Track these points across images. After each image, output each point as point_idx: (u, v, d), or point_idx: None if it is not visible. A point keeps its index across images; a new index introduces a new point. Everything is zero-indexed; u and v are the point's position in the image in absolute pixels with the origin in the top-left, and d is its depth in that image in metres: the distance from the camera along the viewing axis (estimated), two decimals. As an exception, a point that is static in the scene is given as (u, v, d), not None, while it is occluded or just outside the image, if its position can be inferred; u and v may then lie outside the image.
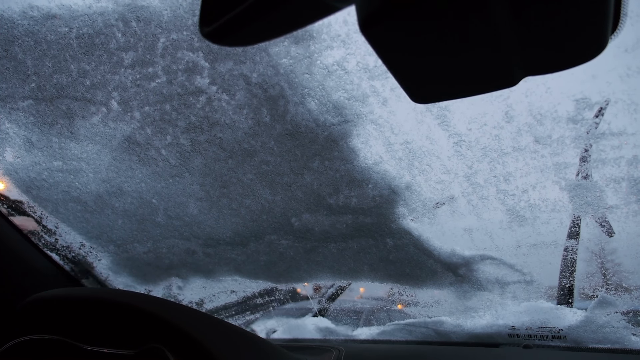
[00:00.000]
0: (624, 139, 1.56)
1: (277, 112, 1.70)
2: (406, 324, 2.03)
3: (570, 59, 0.65)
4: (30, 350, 1.22)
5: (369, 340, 2.10)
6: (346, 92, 1.65)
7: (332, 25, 1.53)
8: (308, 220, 1.95)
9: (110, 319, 1.27)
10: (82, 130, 1.79)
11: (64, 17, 1.57)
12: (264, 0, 0.50)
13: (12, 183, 1.91)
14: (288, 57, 1.60)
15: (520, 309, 1.82)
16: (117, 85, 1.68)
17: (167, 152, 1.82)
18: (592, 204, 1.68)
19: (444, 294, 2.00)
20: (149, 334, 1.21)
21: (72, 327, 1.28)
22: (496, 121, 1.62)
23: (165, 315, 1.21)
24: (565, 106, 1.56)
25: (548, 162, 1.67)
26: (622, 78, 1.43)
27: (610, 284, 1.72)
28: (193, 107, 1.71)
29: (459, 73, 0.69)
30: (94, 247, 2.13)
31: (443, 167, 1.75)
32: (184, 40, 1.59)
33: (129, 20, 1.57)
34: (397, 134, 1.71)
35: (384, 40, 0.60)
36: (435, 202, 1.86)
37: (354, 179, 1.81)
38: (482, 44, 0.60)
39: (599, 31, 0.59)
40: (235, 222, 2.01)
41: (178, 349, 1.15)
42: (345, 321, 2.31)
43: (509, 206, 1.76)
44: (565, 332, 1.70)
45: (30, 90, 1.70)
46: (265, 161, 1.81)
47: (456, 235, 1.89)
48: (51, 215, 2.02)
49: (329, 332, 2.19)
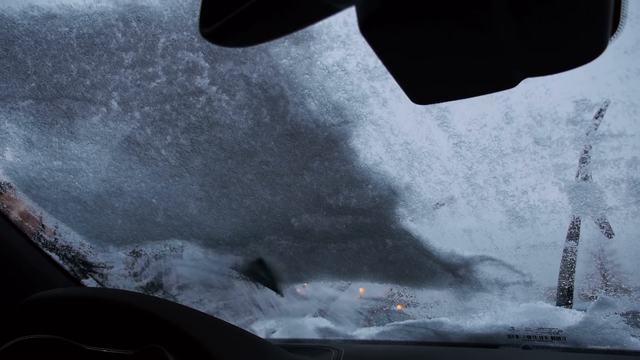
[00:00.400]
0: (624, 140, 1.56)
1: (277, 112, 1.70)
2: (405, 324, 2.03)
3: (570, 61, 0.65)
4: (30, 349, 1.22)
5: (369, 340, 2.10)
6: (346, 93, 1.66)
7: (332, 26, 1.54)
8: (308, 221, 1.96)
9: (110, 319, 1.27)
10: (82, 130, 1.79)
11: (64, 17, 1.57)
12: (264, 2, 0.50)
13: (12, 182, 1.91)
14: (288, 57, 1.60)
15: (520, 310, 1.82)
16: (117, 85, 1.68)
17: (167, 152, 1.82)
18: (591, 205, 1.68)
19: (443, 294, 2.00)
20: (148, 334, 1.21)
21: (72, 327, 1.28)
22: (496, 122, 1.63)
23: (164, 315, 1.21)
24: (565, 107, 1.56)
25: (548, 163, 1.68)
26: (621, 79, 1.44)
27: (610, 285, 1.72)
28: (193, 107, 1.71)
29: (459, 74, 0.69)
30: (94, 246, 2.13)
31: (443, 167, 1.75)
32: (184, 40, 1.59)
33: (129, 21, 1.57)
34: (397, 135, 1.71)
35: (384, 41, 0.60)
36: (434, 202, 1.86)
37: (354, 180, 1.81)
38: (482, 46, 0.60)
39: (599, 33, 0.59)
40: (234, 222, 2.01)
41: (177, 349, 1.15)
42: (344, 322, 2.31)
43: (509, 207, 1.76)
44: (564, 333, 1.70)
45: (31, 90, 1.70)
46: (265, 161, 1.81)
47: (456, 235, 1.90)
48: (51, 215, 2.02)
49: (329, 332, 2.19)
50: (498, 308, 1.88)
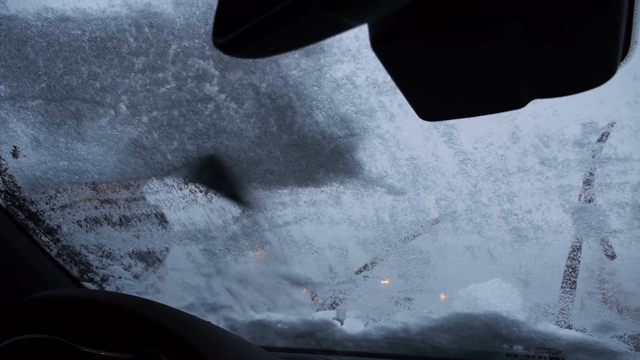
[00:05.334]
0: (630, 165, 1.56)
1: (284, 122, 1.70)
2: (403, 338, 2.02)
3: (579, 84, 0.65)
4: (27, 349, 1.22)
5: (368, 353, 2.09)
6: (354, 106, 1.66)
7: (343, 40, 1.55)
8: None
9: (108, 321, 1.27)
10: (89, 131, 1.80)
11: (78, 20, 1.59)
12: (277, 15, 0.50)
13: (17, 181, 1.92)
14: (298, 69, 1.61)
15: (519, 329, 1.81)
16: (127, 89, 1.69)
17: (172, 157, 1.83)
18: (595, 227, 1.67)
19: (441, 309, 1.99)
20: (146, 339, 1.21)
21: (70, 328, 1.28)
22: (502, 141, 1.63)
23: (163, 320, 1.21)
24: (572, 130, 1.56)
25: (553, 184, 1.67)
26: (630, 104, 1.44)
27: (611, 307, 1.71)
28: (201, 113, 1.72)
29: (468, 93, 0.70)
30: (96, 248, 2.14)
31: (447, 184, 1.75)
32: (195, 48, 1.60)
33: (142, 26, 1.58)
34: (403, 150, 1.72)
35: (395, 57, 0.61)
36: (436, 218, 1.85)
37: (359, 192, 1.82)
38: (492, 66, 0.61)
39: (609, 57, 0.59)
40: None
41: (175, 355, 1.15)
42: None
43: (512, 225, 1.75)
44: (563, 353, 1.69)
45: (41, 90, 1.72)
46: (270, 170, 1.82)
47: (457, 252, 1.89)
48: (54, 215, 2.02)
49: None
50: (497, 326, 1.86)
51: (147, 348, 1.17)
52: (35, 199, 1.97)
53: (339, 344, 2.05)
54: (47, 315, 1.32)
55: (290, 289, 2.18)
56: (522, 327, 1.77)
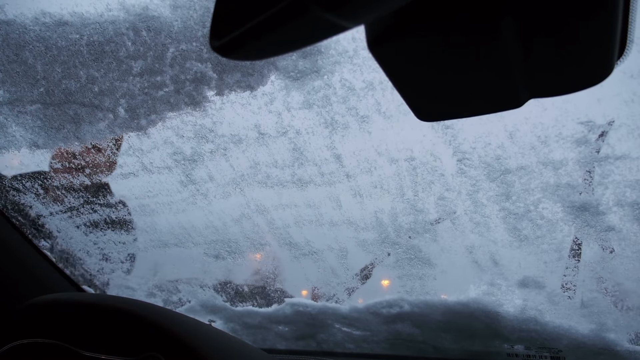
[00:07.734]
0: (628, 163, 1.56)
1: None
2: (404, 339, 2.02)
3: (576, 83, 0.66)
4: (28, 354, 1.22)
5: (369, 354, 2.09)
6: (350, 107, 1.66)
7: (340, 42, 1.55)
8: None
9: (109, 325, 1.27)
10: (88, 135, 1.80)
11: (76, 24, 1.59)
12: (274, 17, 0.50)
13: (16, 185, 1.92)
14: (295, 71, 1.61)
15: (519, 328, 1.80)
16: (125, 92, 1.69)
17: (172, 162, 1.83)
18: (594, 226, 1.67)
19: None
20: (147, 342, 1.20)
21: (71, 332, 1.28)
22: (500, 141, 1.63)
23: (164, 324, 1.20)
24: (569, 128, 1.57)
25: (551, 183, 1.67)
26: (627, 103, 1.44)
27: (612, 306, 1.71)
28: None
29: (465, 93, 0.70)
30: (96, 252, 2.13)
31: (446, 184, 1.76)
32: (193, 51, 1.60)
33: (140, 30, 1.59)
34: (401, 151, 1.72)
35: (392, 58, 0.61)
36: (435, 219, 1.85)
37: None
38: (489, 66, 0.61)
39: (606, 56, 0.59)
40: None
41: (176, 358, 1.15)
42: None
43: (511, 225, 1.75)
44: (564, 353, 1.69)
45: (39, 95, 1.72)
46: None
47: (457, 252, 1.89)
48: (53, 219, 2.02)
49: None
50: (497, 325, 1.86)
51: (148, 351, 1.17)
52: (34, 203, 1.97)
53: (340, 346, 2.05)
54: (48, 319, 1.32)
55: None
56: (522, 326, 1.77)
